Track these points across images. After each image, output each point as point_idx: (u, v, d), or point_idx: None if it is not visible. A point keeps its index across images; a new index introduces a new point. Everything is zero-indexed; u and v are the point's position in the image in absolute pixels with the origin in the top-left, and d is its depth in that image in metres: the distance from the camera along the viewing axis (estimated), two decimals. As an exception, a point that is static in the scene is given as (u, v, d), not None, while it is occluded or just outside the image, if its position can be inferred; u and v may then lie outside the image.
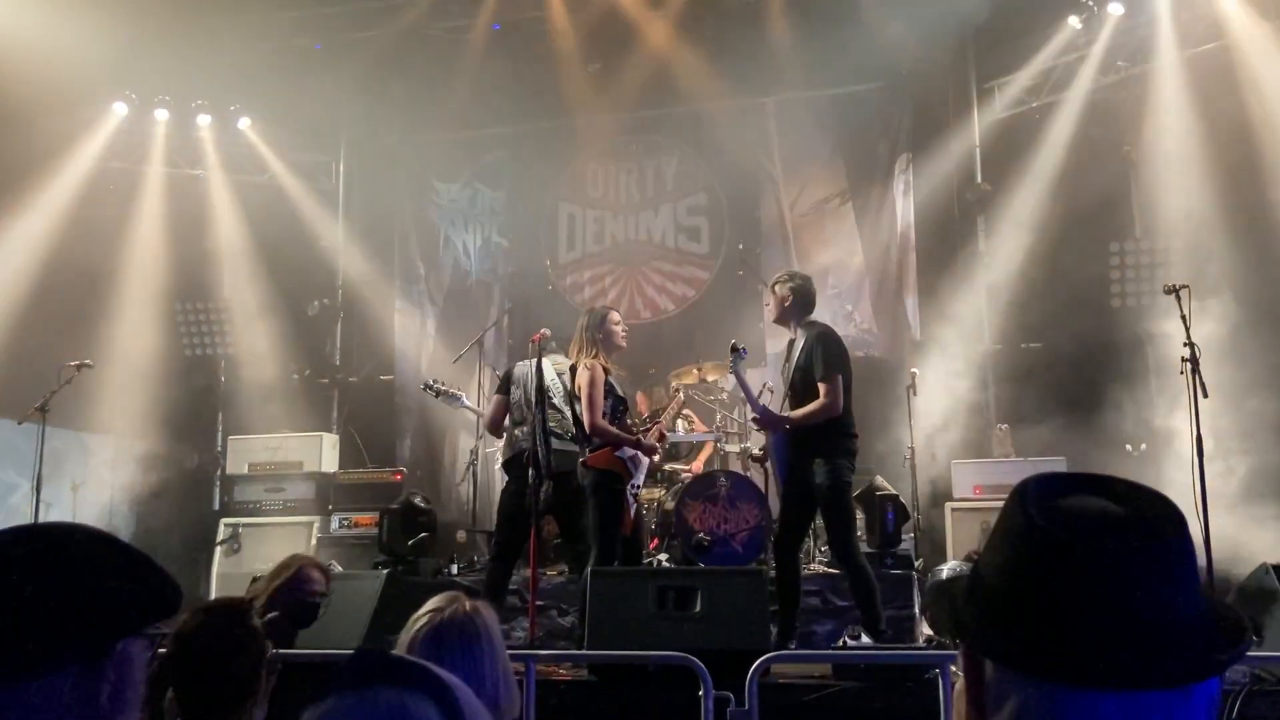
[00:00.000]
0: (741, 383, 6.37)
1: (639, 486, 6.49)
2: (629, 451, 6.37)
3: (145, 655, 1.41)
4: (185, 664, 2.62)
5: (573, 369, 6.49)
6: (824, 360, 6.02)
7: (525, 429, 6.46)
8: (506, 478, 6.82)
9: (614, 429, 6.33)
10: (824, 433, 6.01)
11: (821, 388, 6.00)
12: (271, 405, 10.65)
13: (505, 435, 6.81)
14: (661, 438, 7.01)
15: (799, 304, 6.30)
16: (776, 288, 6.35)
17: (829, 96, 10.69)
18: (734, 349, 6.32)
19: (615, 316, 6.61)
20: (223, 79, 10.70)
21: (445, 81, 11.01)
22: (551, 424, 6.30)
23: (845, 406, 6.08)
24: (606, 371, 6.41)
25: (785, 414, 6.19)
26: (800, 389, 6.14)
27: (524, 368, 6.72)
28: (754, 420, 6.55)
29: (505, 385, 6.84)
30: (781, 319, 6.38)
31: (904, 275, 10.51)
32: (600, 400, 6.27)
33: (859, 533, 7.08)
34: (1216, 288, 8.12)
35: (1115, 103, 9.64)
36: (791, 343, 6.38)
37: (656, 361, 9.98)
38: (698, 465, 8.85)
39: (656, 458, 6.95)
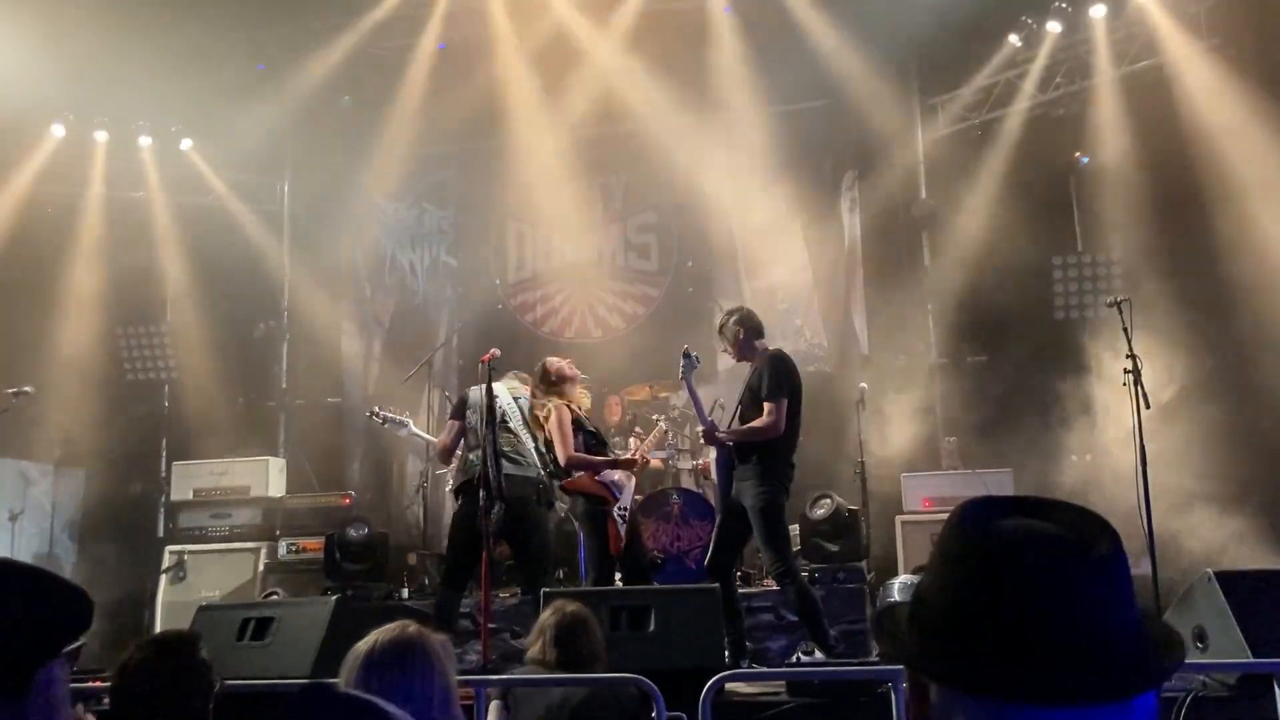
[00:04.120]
0: (691, 392, 6.37)
1: (626, 508, 6.53)
2: (610, 475, 6.48)
3: (66, 672, 1.41)
4: (133, 702, 2.57)
5: (538, 419, 6.57)
6: (769, 381, 6.08)
7: (480, 453, 6.46)
8: (459, 501, 6.79)
9: (589, 456, 6.49)
10: (761, 457, 6.06)
11: (765, 407, 6.06)
12: (216, 430, 10.51)
13: (459, 460, 6.78)
14: (646, 464, 7.07)
15: (749, 332, 6.35)
16: (724, 330, 6.40)
17: (775, 114, 10.79)
18: (686, 355, 6.29)
19: (553, 359, 6.77)
20: (164, 100, 10.58)
21: (391, 101, 10.97)
22: (506, 447, 6.33)
23: (789, 430, 6.11)
24: (572, 407, 6.51)
25: (725, 430, 6.24)
26: (748, 409, 6.20)
27: (479, 392, 6.72)
28: (700, 433, 6.59)
29: (460, 409, 6.82)
30: (744, 355, 6.40)
31: (852, 291, 10.62)
32: (570, 435, 6.42)
33: (795, 547, 7.13)
34: (1155, 300, 8.28)
35: (1056, 119, 9.82)
36: (747, 368, 6.44)
37: (608, 379, 9.97)
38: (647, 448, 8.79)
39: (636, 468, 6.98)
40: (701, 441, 6.84)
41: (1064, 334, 9.32)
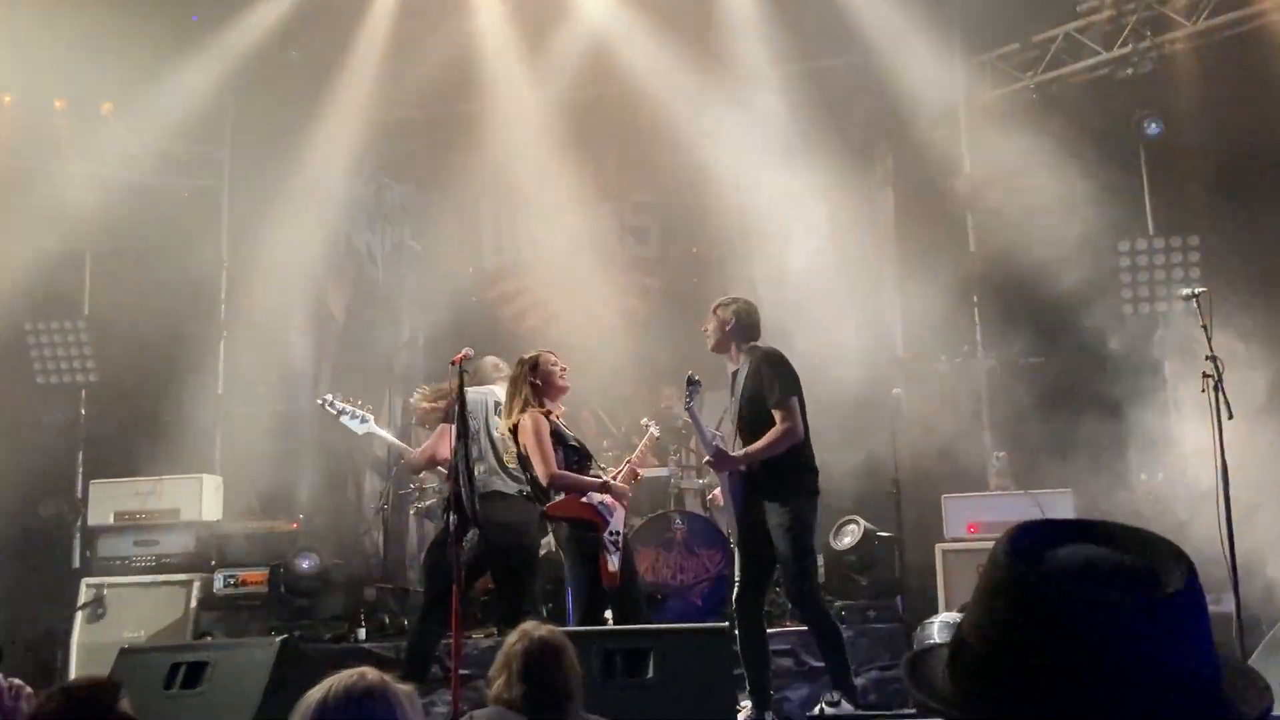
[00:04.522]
0: (695, 420, 6.49)
1: (618, 533, 6.54)
2: (598, 496, 6.48)
3: None
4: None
5: (512, 429, 6.52)
6: (776, 382, 6.12)
7: (484, 467, 6.52)
8: (442, 524, 6.80)
9: (574, 475, 6.48)
10: (780, 469, 6.09)
11: (777, 414, 6.10)
12: (142, 442, 10.48)
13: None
14: (635, 477, 7.07)
15: (740, 328, 6.44)
16: (718, 311, 6.51)
17: (794, 73, 10.77)
18: (689, 381, 6.43)
19: (550, 357, 6.73)
20: (82, 55, 10.55)
21: (346, 58, 10.96)
22: (510, 463, 6.38)
23: (805, 430, 6.18)
24: (551, 416, 6.48)
25: (740, 450, 6.25)
26: (750, 421, 6.25)
27: (479, 396, 6.75)
28: (707, 463, 6.62)
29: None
30: (720, 345, 6.51)
31: (883, 282, 10.62)
32: (550, 450, 6.38)
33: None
34: (1238, 292, 8.28)
35: (1123, 80, 9.81)
36: (735, 374, 6.50)
37: (600, 384, 9.97)
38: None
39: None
40: (710, 469, 6.85)
41: (1132, 331, 9.31)
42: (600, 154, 11.53)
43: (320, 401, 7.73)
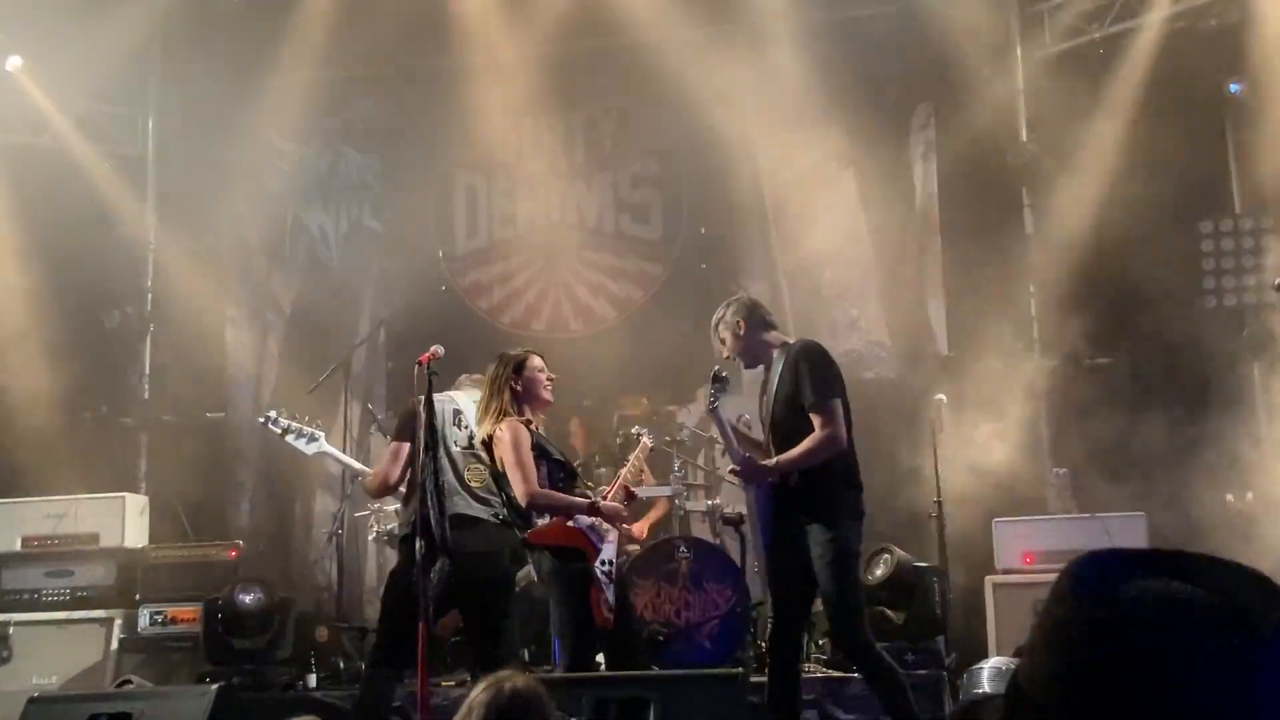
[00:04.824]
0: (720, 425, 6.38)
1: (612, 563, 6.54)
2: (586, 519, 6.45)
3: None
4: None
5: (485, 441, 6.51)
6: (814, 381, 6.06)
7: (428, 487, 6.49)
8: (401, 551, 6.79)
9: (559, 494, 6.45)
10: (821, 486, 6.05)
11: (816, 419, 6.04)
12: (54, 456, 10.48)
13: (406, 496, 6.78)
14: (630, 497, 7.08)
15: (757, 325, 6.37)
16: (720, 327, 6.41)
17: (822, 24, 10.78)
18: (715, 378, 6.34)
19: (537, 362, 6.69)
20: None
21: (296, 4, 10.96)
22: (473, 482, 6.38)
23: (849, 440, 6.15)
24: (531, 426, 6.47)
25: (771, 460, 6.21)
26: (784, 426, 6.17)
27: (437, 403, 6.74)
28: (732, 473, 6.56)
29: (409, 428, 6.81)
30: (749, 352, 6.42)
31: (925, 269, 10.63)
32: (531, 465, 6.35)
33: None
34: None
35: (1205, 34, 9.81)
36: (767, 372, 6.42)
37: (592, 389, 9.98)
38: (642, 529, 8.84)
39: (625, 527, 7.01)
40: (737, 482, 6.79)
41: (1215, 326, 9.32)
42: (593, 118, 11.54)
43: (262, 420, 7.74)
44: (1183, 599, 1.08)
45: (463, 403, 6.80)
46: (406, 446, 6.76)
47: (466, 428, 6.74)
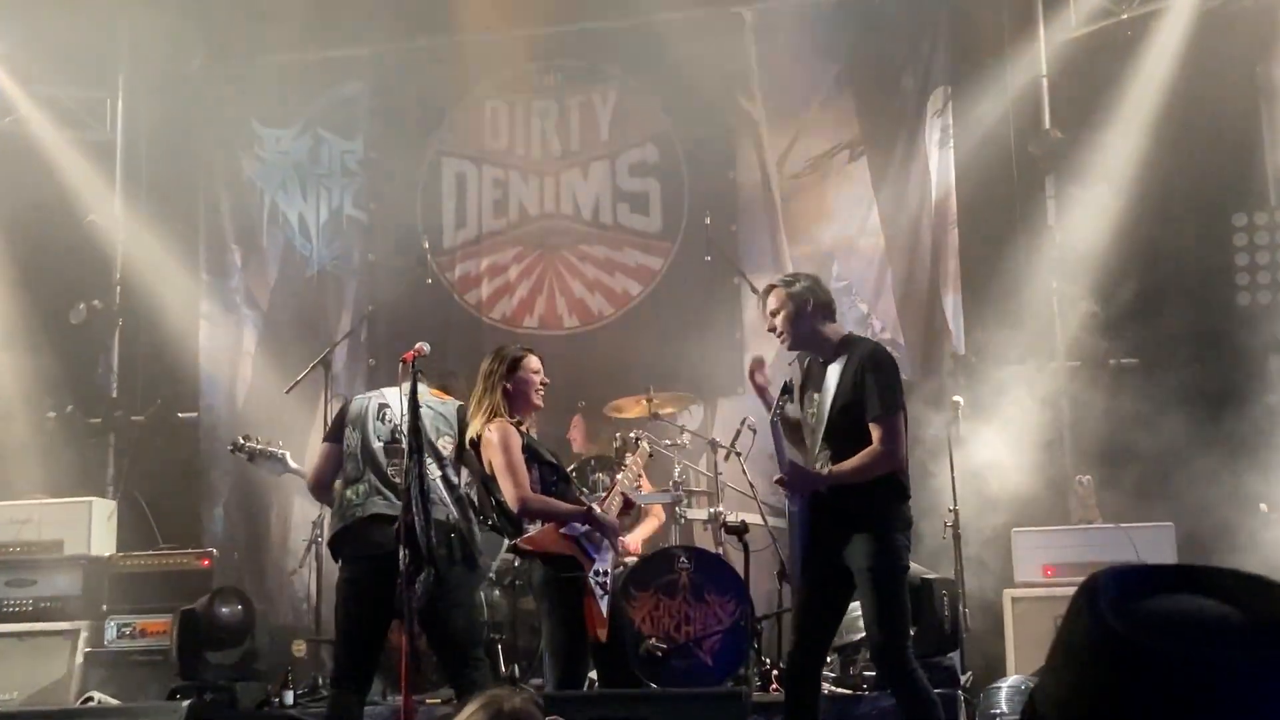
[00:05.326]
0: (776, 435, 6.25)
1: (608, 573, 6.54)
2: (580, 527, 6.45)
3: None
4: None
5: (473, 442, 6.50)
6: (881, 394, 5.98)
7: (363, 488, 6.47)
8: (340, 562, 6.76)
9: (552, 500, 6.46)
10: (873, 495, 5.99)
11: (875, 431, 5.95)
12: (16, 458, 10.49)
13: (335, 499, 6.76)
14: (628, 505, 7.07)
15: (821, 311, 6.27)
16: (780, 295, 6.27)
17: (833, 2, 10.77)
18: (786, 388, 6.24)
19: (534, 364, 6.71)
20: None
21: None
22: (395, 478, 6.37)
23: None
24: (522, 428, 6.47)
25: (825, 469, 6.15)
26: (842, 433, 6.09)
27: (363, 403, 6.76)
28: (778, 482, 6.46)
29: (338, 428, 6.84)
30: (801, 338, 6.29)
31: (942, 262, 10.61)
32: (523, 467, 6.35)
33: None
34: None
35: (1239, 15, 9.81)
36: (819, 364, 6.32)
37: (587, 389, 9.97)
38: (636, 543, 8.84)
39: (624, 540, 7.00)
40: (783, 493, 6.71)
41: (1249, 325, 9.32)
42: (590, 100, 11.52)
43: (231, 447, 7.77)
44: (1211, 615, 1.08)
45: (390, 397, 6.76)
46: (333, 447, 6.79)
47: (390, 422, 6.69)
